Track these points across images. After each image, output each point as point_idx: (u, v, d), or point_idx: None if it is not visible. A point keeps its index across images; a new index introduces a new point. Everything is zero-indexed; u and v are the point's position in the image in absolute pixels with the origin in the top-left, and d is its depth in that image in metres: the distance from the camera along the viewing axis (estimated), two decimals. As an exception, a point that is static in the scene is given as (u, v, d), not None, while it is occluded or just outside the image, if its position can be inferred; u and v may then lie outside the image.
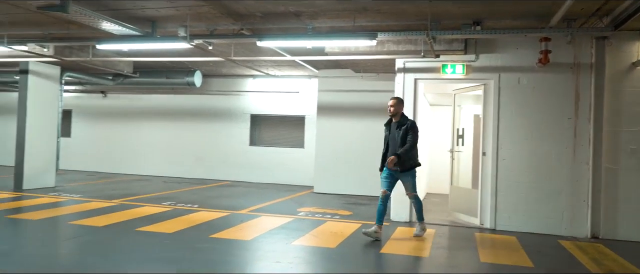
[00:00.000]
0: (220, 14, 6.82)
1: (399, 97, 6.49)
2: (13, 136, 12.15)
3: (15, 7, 6.90)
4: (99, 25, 6.87)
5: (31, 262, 4.86)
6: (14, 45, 8.27)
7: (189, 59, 9.77)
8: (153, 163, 14.01)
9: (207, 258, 5.02)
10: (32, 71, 10.10)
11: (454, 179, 8.24)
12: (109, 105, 14.77)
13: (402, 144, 6.05)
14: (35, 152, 10.17)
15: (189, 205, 8.43)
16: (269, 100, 13.08)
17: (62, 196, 9.21)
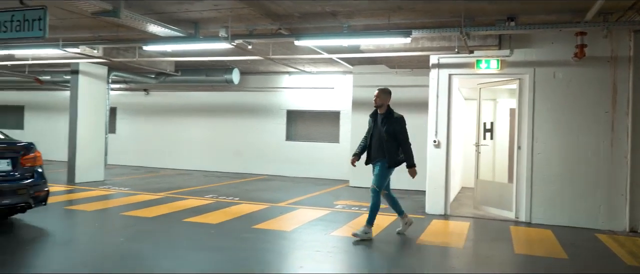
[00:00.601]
0: (260, 14, 7.12)
1: (385, 88, 6.15)
2: (63, 132, 12.89)
3: (70, 13, 7.40)
4: (146, 28, 7.27)
5: (92, 249, 5.30)
6: (68, 48, 8.79)
7: (229, 58, 10.15)
8: (193, 158, 14.54)
9: (252, 246, 5.34)
10: (82, 71, 10.70)
11: (480, 173, 8.27)
12: (152, 102, 15.38)
13: (388, 137, 5.79)
14: (85, 148, 10.78)
15: (230, 198, 8.81)
16: (305, 96, 13.37)
17: (112, 189, 9.76)
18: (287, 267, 4.76)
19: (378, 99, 6.02)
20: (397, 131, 5.83)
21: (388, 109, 6.00)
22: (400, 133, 5.84)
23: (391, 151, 5.82)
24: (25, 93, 17.15)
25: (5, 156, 5.73)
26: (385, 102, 6.01)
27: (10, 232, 5.76)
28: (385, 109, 5.99)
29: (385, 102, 6.01)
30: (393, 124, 5.86)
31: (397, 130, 5.84)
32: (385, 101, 6.01)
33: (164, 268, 4.52)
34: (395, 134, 5.83)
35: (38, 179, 6.01)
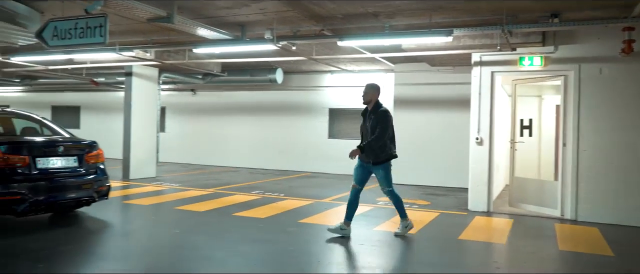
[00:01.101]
0: (304, 17, 7.37)
1: (373, 83, 5.92)
2: (116, 131, 13.61)
3: (126, 19, 7.85)
4: (196, 32, 7.65)
5: (151, 240, 5.69)
6: (124, 51, 9.32)
7: (274, 59, 10.47)
8: (239, 155, 15.01)
9: (298, 239, 5.60)
10: (136, 73, 11.29)
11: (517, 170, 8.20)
12: (199, 102, 15.96)
13: (373, 133, 5.59)
14: (139, 145, 11.37)
15: (275, 194, 9.13)
16: (347, 94, 13.56)
17: (164, 184, 10.27)
18: (333, 258, 4.98)
19: (366, 94, 5.81)
20: (380, 125, 5.56)
21: (376, 104, 5.75)
22: (379, 125, 5.55)
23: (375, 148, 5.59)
24: (81, 94, 18.11)
25: (72, 153, 6.20)
26: (374, 97, 5.77)
27: (77, 223, 6.24)
28: (374, 104, 5.75)
29: (374, 98, 5.77)
30: (375, 118, 5.62)
31: (378, 123, 5.57)
32: (373, 97, 5.77)
33: (218, 257, 4.83)
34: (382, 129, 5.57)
35: (101, 175, 6.47)
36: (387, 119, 5.61)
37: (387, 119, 5.62)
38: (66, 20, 6.51)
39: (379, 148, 5.57)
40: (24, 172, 5.58)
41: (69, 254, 4.91)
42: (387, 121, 5.61)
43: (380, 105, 5.75)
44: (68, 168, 6.10)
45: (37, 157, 5.75)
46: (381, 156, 5.62)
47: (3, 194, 5.41)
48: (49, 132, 6.78)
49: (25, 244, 5.16)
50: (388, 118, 5.63)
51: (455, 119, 10.93)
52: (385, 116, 5.62)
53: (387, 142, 5.61)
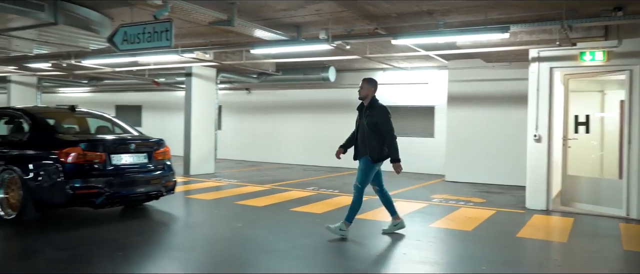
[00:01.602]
0: (358, 16, 7.49)
1: (370, 78, 5.79)
2: (175, 129, 14.23)
3: (188, 23, 8.24)
4: (253, 33, 7.95)
5: (215, 232, 6.01)
6: (185, 53, 9.78)
7: (328, 58, 10.65)
8: (291, 152, 15.33)
9: (355, 234, 5.74)
10: (195, 73, 11.78)
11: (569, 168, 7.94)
12: (253, 100, 16.41)
13: (370, 130, 5.47)
14: (198, 143, 11.88)
15: (330, 190, 9.32)
16: (399, 91, 13.56)
17: (222, 180, 10.69)
18: (391, 253, 5.10)
19: (362, 90, 5.68)
20: (379, 122, 5.46)
21: (372, 100, 5.63)
22: (383, 124, 5.45)
23: (373, 144, 5.48)
24: (142, 94, 19.02)
25: (142, 150, 6.63)
26: (370, 93, 5.64)
27: (146, 216, 6.67)
28: (370, 100, 5.64)
29: (370, 93, 5.64)
30: (374, 115, 5.50)
31: (379, 121, 5.46)
32: (369, 92, 5.64)
33: (281, 250, 5.06)
34: (378, 126, 5.47)
35: (168, 170, 6.88)
36: (389, 115, 5.55)
37: (389, 115, 5.55)
38: (135, 25, 6.91)
39: (380, 147, 5.49)
40: (100, 168, 6.03)
41: (143, 244, 5.28)
42: (390, 117, 5.54)
43: (377, 100, 5.66)
44: (139, 164, 6.52)
45: (111, 154, 6.19)
46: (376, 156, 5.52)
47: (83, 188, 5.86)
48: (120, 131, 7.26)
49: (103, 234, 5.59)
50: (388, 114, 5.55)
51: (511, 116, 10.73)
52: (386, 112, 5.54)
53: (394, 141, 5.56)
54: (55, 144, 5.98)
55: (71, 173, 5.82)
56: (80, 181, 5.85)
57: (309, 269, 4.47)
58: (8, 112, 7.08)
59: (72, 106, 7.21)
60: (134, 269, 4.27)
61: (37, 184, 5.86)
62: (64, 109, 7.29)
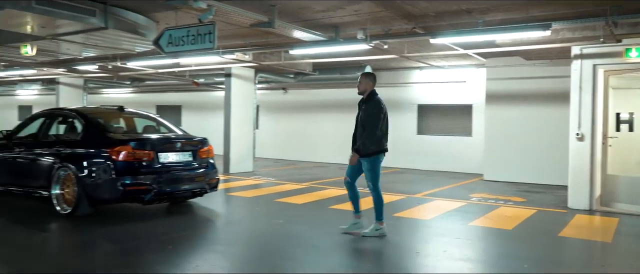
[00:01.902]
0: (396, 16, 7.55)
1: (368, 72, 5.68)
2: (214, 128, 14.58)
3: (229, 25, 8.47)
4: (293, 34, 8.12)
5: (258, 228, 6.21)
6: (226, 54, 10.04)
7: (365, 58, 10.73)
8: (328, 151, 15.46)
9: (395, 231, 5.82)
10: (234, 74, 12.07)
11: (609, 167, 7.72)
12: (289, 100, 16.63)
13: (362, 126, 5.40)
14: (237, 142, 12.17)
15: (367, 189, 9.37)
16: (436, 90, 13.50)
17: (261, 178, 10.92)
18: (430, 250, 5.15)
19: (360, 85, 5.57)
20: (369, 115, 5.36)
21: (370, 94, 5.50)
22: (371, 117, 5.32)
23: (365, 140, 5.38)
24: (182, 94, 19.54)
25: (187, 149, 6.88)
26: (368, 87, 5.52)
27: (190, 212, 6.92)
28: (368, 94, 5.52)
29: (368, 88, 5.52)
30: (368, 108, 5.41)
31: (369, 114, 5.36)
32: (368, 87, 5.52)
33: (323, 246, 5.20)
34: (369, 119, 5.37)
35: (211, 168, 7.12)
36: (377, 111, 5.36)
37: (378, 110, 5.37)
38: (179, 28, 7.18)
39: (369, 139, 5.33)
40: (149, 166, 6.30)
41: (190, 238, 5.52)
42: (378, 112, 5.36)
43: (374, 95, 5.52)
44: (184, 162, 6.77)
45: (159, 152, 6.45)
46: (370, 148, 5.34)
47: (133, 184, 6.15)
48: (165, 130, 7.55)
49: (153, 228, 5.86)
50: (380, 109, 5.38)
51: (552, 114, 10.55)
52: (376, 107, 5.38)
53: (379, 135, 5.36)
54: (106, 143, 6.29)
55: (122, 171, 6.12)
56: (131, 178, 6.14)
57: (351, 264, 4.58)
58: (62, 113, 7.47)
59: (121, 106, 7.54)
60: (183, 261, 4.48)
61: (91, 181, 6.18)
62: (113, 109, 7.64)
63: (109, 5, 7.18)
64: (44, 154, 6.81)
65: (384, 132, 5.42)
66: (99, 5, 7.11)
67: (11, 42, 9.41)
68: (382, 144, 5.41)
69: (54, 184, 6.47)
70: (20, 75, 16.01)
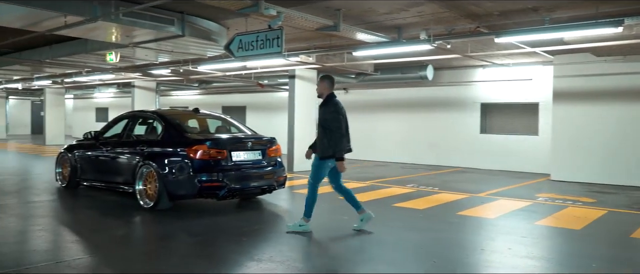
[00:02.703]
0: (459, 16, 7.59)
1: (325, 75, 5.77)
2: (277, 128, 15.05)
3: (295, 29, 8.83)
4: (356, 36, 8.34)
5: (323, 224, 6.48)
6: (290, 57, 10.43)
7: (427, 58, 10.78)
8: (389, 150, 15.57)
9: (459, 229, 5.92)
10: (298, 75, 12.46)
11: None
12: (350, 99, 16.84)
13: (321, 127, 5.52)
14: (300, 141, 12.54)
15: (430, 187, 9.47)
16: (500, 88, 13.27)
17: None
18: (496, 247, 5.21)
19: (318, 87, 5.73)
20: (327, 119, 5.46)
21: (327, 97, 5.64)
22: (331, 121, 5.43)
23: (323, 141, 5.50)
24: (246, 95, 20.27)
25: (257, 148, 7.28)
26: (325, 90, 5.67)
27: (260, 208, 7.31)
28: (325, 97, 5.66)
29: (325, 91, 5.67)
30: (325, 112, 5.51)
31: (327, 118, 5.46)
32: (324, 89, 5.67)
33: (389, 242, 5.39)
34: (327, 123, 5.46)
35: (279, 166, 7.49)
36: (335, 113, 5.47)
37: (335, 112, 5.48)
38: (249, 34, 7.59)
39: (329, 142, 5.45)
40: (223, 164, 6.74)
41: (262, 232, 5.88)
42: (336, 114, 5.47)
43: (332, 98, 5.63)
44: (254, 161, 7.18)
45: (232, 151, 6.89)
46: (326, 152, 5.50)
47: (208, 181, 6.61)
48: (236, 130, 8.00)
49: (226, 222, 6.28)
50: (337, 112, 5.49)
51: (625, 112, 10.14)
52: (333, 110, 5.49)
53: (338, 136, 5.45)
54: (184, 143, 6.80)
55: (199, 168, 6.59)
56: (207, 175, 6.60)
57: (419, 259, 4.74)
58: (143, 115, 8.10)
59: (196, 108, 8.07)
60: (257, 252, 4.82)
61: (171, 177, 6.69)
62: (188, 111, 8.18)
63: (186, 15, 7.72)
64: (127, 153, 7.44)
65: (343, 134, 5.53)
66: (177, 14, 7.67)
67: (96, 50, 10.28)
68: (342, 147, 5.51)
69: (138, 181, 7.05)
70: (100, 79, 17.25)
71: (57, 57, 11.45)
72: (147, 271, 4.32)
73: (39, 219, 6.36)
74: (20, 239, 5.37)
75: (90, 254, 4.77)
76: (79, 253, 4.80)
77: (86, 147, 8.40)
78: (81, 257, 4.63)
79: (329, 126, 5.45)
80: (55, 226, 6.13)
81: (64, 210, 7.24)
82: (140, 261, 4.71)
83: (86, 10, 6.69)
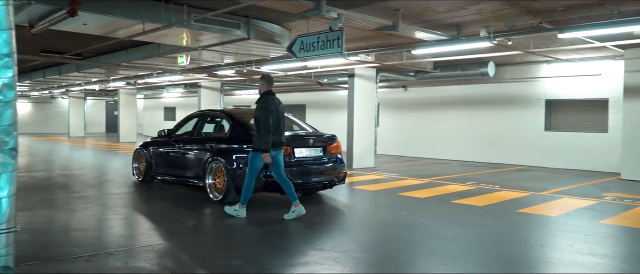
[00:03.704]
0: (521, 12, 7.53)
1: (264, 74, 6.40)
2: (336, 125, 15.32)
3: (355, 30, 9.06)
4: (415, 35, 8.45)
5: (384, 218, 6.68)
6: (350, 56, 10.66)
7: (487, 55, 10.67)
8: (448, 148, 15.46)
9: (518, 226, 5.93)
10: (357, 74, 12.68)
11: None
12: (409, 97, 16.88)
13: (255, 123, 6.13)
14: (360, 138, 12.76)
15: (490, 185, 9.41)
16: (566, 84, 12.87)
17: (382, 174, 11.38)
18: (556, 244, 5.20)
19: (258, 86, 6.38)
20: (257, 115, 6.05)
21: (261, 95, 6.23)
22: (259, 116, 6.02)
23: (255, 136, 6.13)
24: (306, 94, 20.72)
25: (318, 145, 7.57)
26: (262, 88, 6.27)
27: (321, 202, 7.60)
28: (261, 95, 6.25)
29: (262, 89, 6.27)
30: (256, 108, 6.13)
31: (257, 115, 6.06)
32: (262, 87, 6.28)
33: (448, 236, 5.51)
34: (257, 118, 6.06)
35: (339, 163, 7.74)
36: (262, 110, 6.03)
37: (263, 109, 6.03)
38: (311, 35, 7.88)
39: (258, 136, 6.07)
40: (286, 160, 7.05)
41: (323, 224, 6.16)
42: (263, 111, 6.01)
43: (264, 95, 6.22)
44: (316, 157, 7.47)
45: (294, 148, 7.22)
46: (257, 144, 6.08)
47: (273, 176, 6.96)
48: (298, 128, 8.33)
49: (290, 215, 6.61)
50: (265, 108, 6.02)
51: None
52: (262, 106, 6.07)
53: (266, 131, 5.96)
54: (250, 140, 7.17)
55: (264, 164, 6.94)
56: (271, 171, 6.95)
57: (476, 253, 4.84)
58: (212, 113, 8.62)
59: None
60: (321, 242, 5.10)
61: (238, 172, 7.11)
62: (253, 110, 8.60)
63: (251, 18, 8.14)
64: (198, 149, 7.96)
65: (274, 128, 6.08)
66: (243, 18, 8.10)
67: (168, 53, 10.98)
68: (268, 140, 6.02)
69: (207, 175, 7.53)
70: (169, 80, 18.25)
71: (132, 61, 12.32)
72: (220, 257, 4.70)
73: (120, 209, 6.97)
74: (105, 226, 5.95)
75: (167, 241, 5.24)
76: (158, 240, 5.28)
77: (160, 144, 9.04)
78: (159, 243, 5.10)
79: (259, 121, 6.08)
80: (135, 215, 6.71)
81: (141, 201, 7.86)
82: (213, 248, 5.12)
83: (162, 17, 7.24)
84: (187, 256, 4.70)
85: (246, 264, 4.36)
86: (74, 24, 7.24)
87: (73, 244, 4.97)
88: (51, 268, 4.09)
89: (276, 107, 6.22)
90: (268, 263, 4.42)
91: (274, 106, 6.18)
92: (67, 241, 5.10)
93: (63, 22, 6.96)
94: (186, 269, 4.30)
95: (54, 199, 7.47)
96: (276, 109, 6.21)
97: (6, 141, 2.73)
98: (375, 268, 4.40)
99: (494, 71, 13.16)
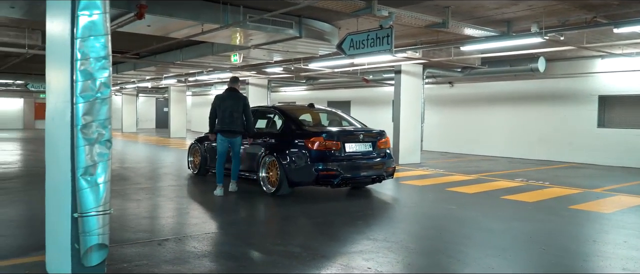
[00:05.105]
0: (574, 7, 7.47)
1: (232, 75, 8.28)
2: (380, 121, 15.46)
3: (403, 26, 9.17)
4: (464, 32, 8.49)
5: (433, 211, 6.81)
6: (397, 53, 10.78)
7: (538, 51, 10.55)
8: (496, 144, 15.30)
9: (570, 221, 5.94)
10: (404, 70, 12.76)
11: None
12: (455, 93, 16.78)
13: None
14: (406, 134, 12.86)
15: (540, 181, 9.34)
16: (622, 79, 12.52)
17: (429, 169, 11.45)
18: (609, 239, 5.21)
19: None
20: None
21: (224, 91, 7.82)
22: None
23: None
24: (351, 90, 20.91)
25: (367, 140, 7.77)
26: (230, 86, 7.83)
27: (370, 196, 7.80)
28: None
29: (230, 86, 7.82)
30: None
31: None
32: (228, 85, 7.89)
33: (497, 229, 5.61)
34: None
35: (388, 158, 7.92)
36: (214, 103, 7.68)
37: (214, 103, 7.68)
38: (360, 33, 8.09)
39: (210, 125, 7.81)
40: (337, 155, 7.32)
41: (374, 216, 6.37)
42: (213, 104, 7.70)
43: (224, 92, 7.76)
44: (365, 152, 7.68)
45: (345, 143, 7.45)
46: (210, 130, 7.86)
47: (324, 170, 7.22)
48: (346, 123, 8.55)
49: (340, 208, 6.86)
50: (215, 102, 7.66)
51: None
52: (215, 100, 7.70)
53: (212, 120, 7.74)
54: (302, 135, 7.48)
55: (316, 158, 7.23)
56: (323, 165, 7.22)
57: (527, 246, 4.93)
58: (265, 109, 8.96)
59: (311, 103, 8.76)
60: (373, 233, 5.32)
61: (291, 166, 7.41)
62: (304, 106, 8.90)
63: (303, 18, 8.42)
64: (252, 144, 8.31)
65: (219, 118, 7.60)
66: (294, 18, 8.39)
67: (221, 52, 11.43)
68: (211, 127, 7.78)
69: (261, 168, 7.87)
70: (218, 78, 18.85)
71: (186, 59, 12.88)
72: (279, 244, 4.99)
73: (180, 199, 7.41)
74: (169, 215, 6.37)
75: (225, 230, 5.58)
76: (218, 228, 5.63)
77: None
78: (217, 231, 5.45)
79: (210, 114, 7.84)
80: (193, 205, 7.12)
81: (198, 193, 8.29)
82: (271, 236, 5.43)
83: (219, 18, 7.62)
84: (247, 244, 5.02)
85: (304, 251, 4.63)
86: (138, 26, 7.73)
87: (144, 229, 5.39)
88: (127, 249, 4.50)
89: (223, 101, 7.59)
90: (325, 250, 4.68)
91: (221, 101, 7.61)
92: (137, 227, 5.53)
93: (130, 25, 7.45)
94: (250, 254, 4.61)
95: (119, 190, 8.00)
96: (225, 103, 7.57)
97: (103, 133, 3.08)
98: (427, 257, 4.58)
99: (545, 66, 12.94)
